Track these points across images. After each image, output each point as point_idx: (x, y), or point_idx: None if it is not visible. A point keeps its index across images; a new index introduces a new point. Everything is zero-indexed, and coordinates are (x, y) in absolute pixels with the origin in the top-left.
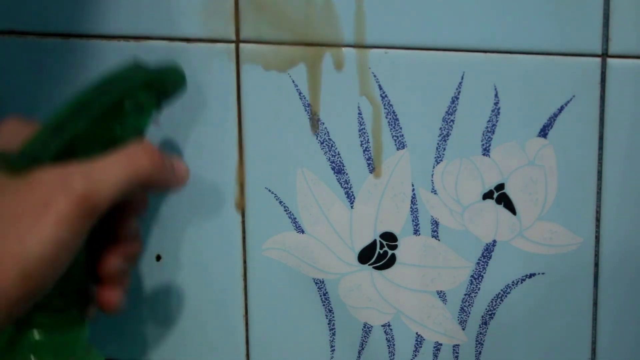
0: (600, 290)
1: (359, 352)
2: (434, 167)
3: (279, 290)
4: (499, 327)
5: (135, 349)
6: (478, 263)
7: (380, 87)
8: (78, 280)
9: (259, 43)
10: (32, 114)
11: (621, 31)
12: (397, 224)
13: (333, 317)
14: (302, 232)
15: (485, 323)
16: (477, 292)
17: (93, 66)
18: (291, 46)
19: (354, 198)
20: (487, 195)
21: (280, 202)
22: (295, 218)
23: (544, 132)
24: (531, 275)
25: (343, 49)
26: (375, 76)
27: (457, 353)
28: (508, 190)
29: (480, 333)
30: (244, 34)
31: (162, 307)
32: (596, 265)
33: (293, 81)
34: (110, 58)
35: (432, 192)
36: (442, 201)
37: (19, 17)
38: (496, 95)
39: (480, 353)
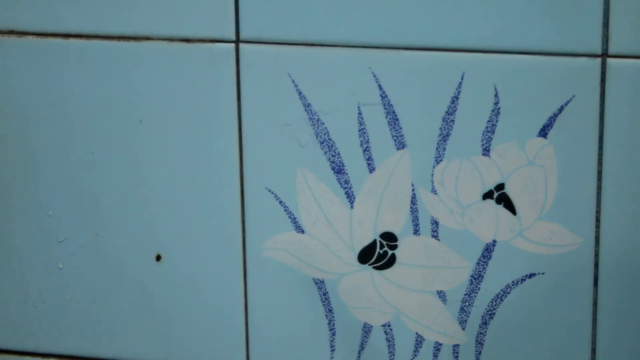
0: (600, 290)
1: (359, 352)
2: (434, 167)
3: (279, 290)
4: (499, 327)
5: (135, 348)
6: (478, 263)
7: (380, 87)
8: None
9: (259, 43)
10: (31, 113)
11: (621, 31)
12: (397, 224)
13: (333, 317)
14: (302, 232)
15: (485, 323)
16: (477, 292)
17: (93, 66)
18: (291, 46)
19: (354, 198)
20: (487, 195)
21: (280, 202)
22: (295, 218)
23: (544, 132)
24: (531, 275)
25: (343, 48)
26: (375, 76)
27: (457, 353)
28: (508, 190)
29: (480, 333)
30: (244, 34)
31: (162, 307)
32: (596, 265)
33: (293, 81)
34: (110, 58)
35: (432, 192)
36: (442, 201)
37: (19, 17)
38: (496, 95)
39: (480, 353)
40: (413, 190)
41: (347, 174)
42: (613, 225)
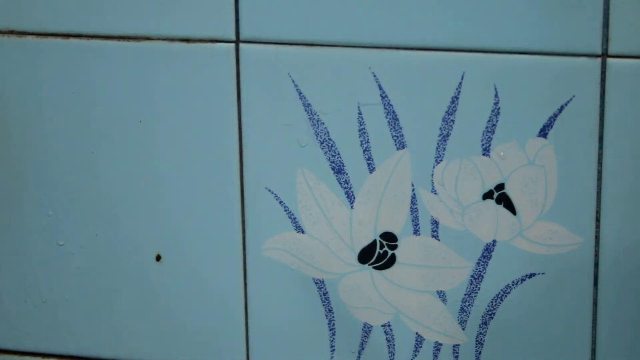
0: (600, 290)
1: (359, 352)
2: (434, 167)
3: (279, 290)
4: (499, 327)
5: (135, 348)
6: (478, 263)
7: (380, 87)
8: None
9: (259, 43)
10: (31, 113)
11: (621, 31)
12: (397, 224)
13: (333, 317)
14: (302, 232)
15: (485, 323)
16: (477, 292)
17: (93, 66)
18: (291, 46)
19: (354, 198)
20: (487, 195)
21: (280, 202)
22: (295, 218)
23: (544, 132)
24: (531, 275)
25: (343, 48)
26: (375, 76)
27: (457, 353)
28: (508, 190)
29: (480, 333)
30: (244, 34)
31: (162, 307)
32: (596, 265)
33: (293, 81)
34: (110, 58)
35: (432, 192)
36: (442, 201)
37: (19, 17)
38: (496, 95)
39: (480, 353)
40: (413, 190)
41: (347, 174)
42: (613, 225)
